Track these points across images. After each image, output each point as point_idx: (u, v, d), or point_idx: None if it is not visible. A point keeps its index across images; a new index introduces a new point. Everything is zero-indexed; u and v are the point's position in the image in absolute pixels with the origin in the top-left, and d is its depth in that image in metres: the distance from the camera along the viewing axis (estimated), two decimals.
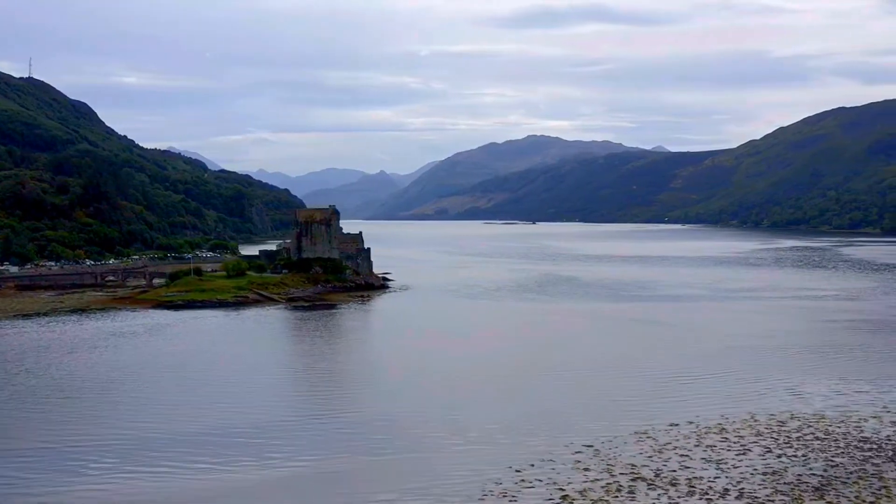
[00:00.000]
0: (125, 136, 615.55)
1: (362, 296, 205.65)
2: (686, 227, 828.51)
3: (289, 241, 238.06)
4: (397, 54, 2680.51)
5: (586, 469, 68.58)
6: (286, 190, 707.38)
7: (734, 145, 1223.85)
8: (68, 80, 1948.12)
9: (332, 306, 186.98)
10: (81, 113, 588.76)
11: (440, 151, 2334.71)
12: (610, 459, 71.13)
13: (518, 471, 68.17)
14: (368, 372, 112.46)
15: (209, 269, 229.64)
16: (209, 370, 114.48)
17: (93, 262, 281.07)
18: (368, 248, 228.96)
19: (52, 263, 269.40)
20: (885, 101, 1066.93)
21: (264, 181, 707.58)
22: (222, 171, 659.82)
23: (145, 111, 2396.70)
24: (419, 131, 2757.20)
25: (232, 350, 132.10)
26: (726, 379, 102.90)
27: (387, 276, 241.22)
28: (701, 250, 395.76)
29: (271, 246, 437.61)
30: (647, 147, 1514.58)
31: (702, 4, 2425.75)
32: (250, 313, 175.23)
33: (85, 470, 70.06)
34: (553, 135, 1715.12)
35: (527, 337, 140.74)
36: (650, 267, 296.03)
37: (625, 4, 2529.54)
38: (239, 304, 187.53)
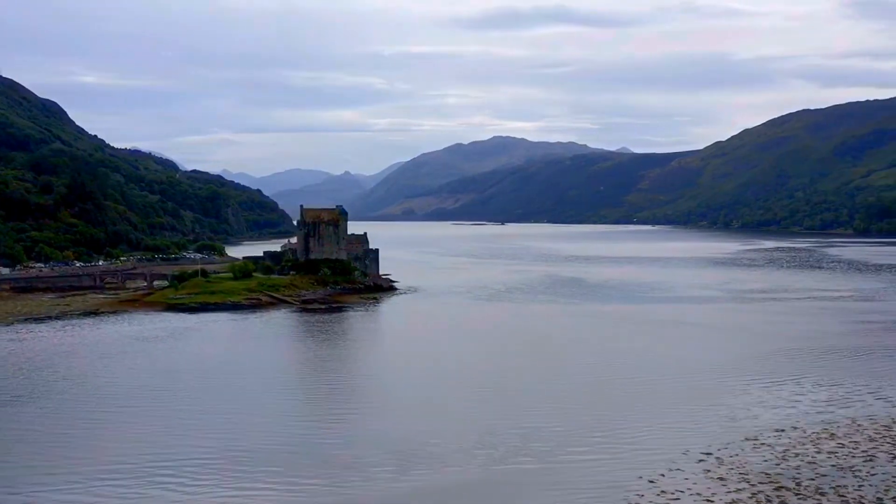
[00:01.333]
0: (95, 136, 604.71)
1: (374, 298, 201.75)
2: (656, 227, 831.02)
3: (293, 241, 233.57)
4: (361, 55, 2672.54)
5: (721, 478, 65.79)
6: (258, 190, 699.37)
7: (697, 147, 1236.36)
8: (30, 79, 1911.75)
9: (348, 309, 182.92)
10: (52, 112, 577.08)
11: (405, 152, 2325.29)
12: (738, 467, 68.42)
13: (652, 481, 65.28)
14: (432, 380, 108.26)
15: (211, 271, 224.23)
16: (257, 376, 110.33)
17: (82, 264, 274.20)
18: (376, 250, 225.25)
19: (42, 265, 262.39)
20: (849, 104, 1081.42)
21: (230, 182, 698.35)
22: (195, 171, 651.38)
23: (106, 111, 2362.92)
24: (383, 132, 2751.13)
25: (269, 355, 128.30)
26: (802, 383, 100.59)
27: (388, 277, 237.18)
28: (687, 251, 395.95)
29: (250, 247, 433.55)
30: (612, 148, 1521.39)
31: (664, 7, 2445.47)
32: (268, 316, 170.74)
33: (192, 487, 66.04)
34: (518, 136, 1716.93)
35: (573, 341, 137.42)
36: (647, 268, 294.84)
37: (588, 6, 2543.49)
38: (252, 306, 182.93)
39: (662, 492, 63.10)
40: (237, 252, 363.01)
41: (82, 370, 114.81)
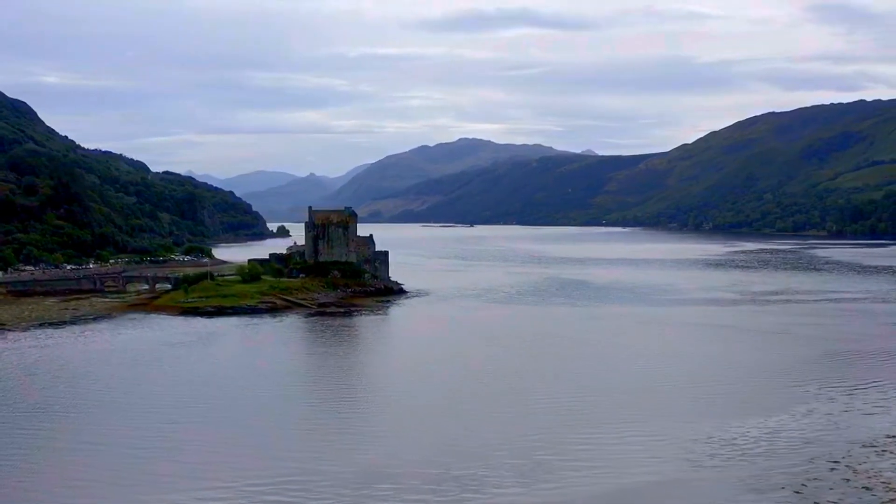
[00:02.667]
0: (66, 137, 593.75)
1: (387, 301, 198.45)
2: (627, 229, 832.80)
3: (298, 244, 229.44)
4: (325, 56, 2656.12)
5: (866, 488, 63.58)
6: (231, 192, 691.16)
7: (661, 150, 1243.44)
8: None
9: (366, 312, 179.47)
10: (21, 112, 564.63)
11: (370, 154, 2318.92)
12: (874, 476, 66.26)
13: (797, 492, 62.93)
14: (509, 389, 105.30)
15: (217, 274, 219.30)
16: (310, 386, 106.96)
17: (74, 267, 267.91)
18: (386, 252, 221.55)
19: (32, 268, 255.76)
20: (814, 107, 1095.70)
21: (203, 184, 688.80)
22: (166, 172, 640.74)
23: (69, 111, 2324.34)
24: (347, 133, 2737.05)
25: (311, 361, 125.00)
26: (884, 388, 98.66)
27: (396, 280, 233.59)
28: (674, 253, 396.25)
29: (229, 249, 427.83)
30: (576, 150, 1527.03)
31: (627, 10, 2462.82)
32: (289, 320, 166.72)
33: None
34: (482, 137, 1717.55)
35: (616, 345, 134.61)
36: (645, 270, 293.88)
37: (552, 9, 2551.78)
38: (268, 310, 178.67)
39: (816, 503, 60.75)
40: (223, 255, 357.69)
41: (122, 378, 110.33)
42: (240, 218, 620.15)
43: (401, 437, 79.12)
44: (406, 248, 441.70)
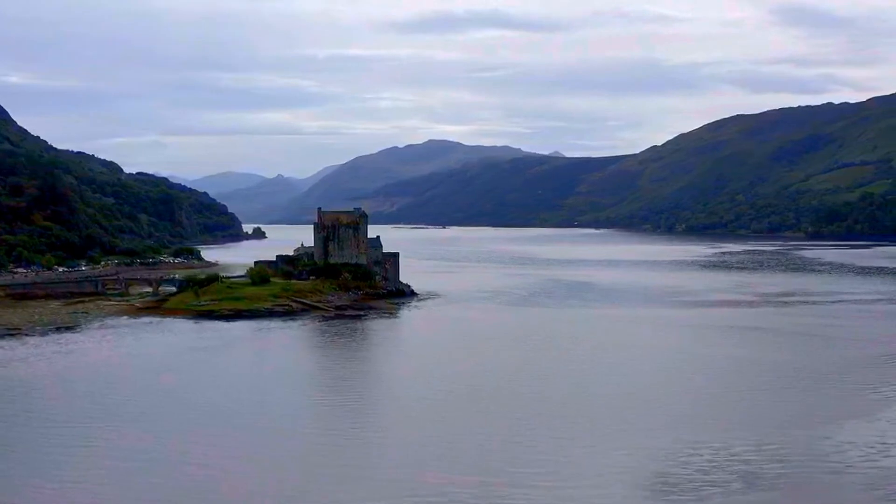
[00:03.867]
0: (38, 137, 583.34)
1: (402, 303, 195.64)
2: (601, 231, 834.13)
3: (306, 245, 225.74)
4: (294, 57, 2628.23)
5: None
6: (205, 193, 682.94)
7: (629, 152, 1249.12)
8: None
9: (385, 315, 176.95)
10: None
11: (339, 155, 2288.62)
12: None
13: None
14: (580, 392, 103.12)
15: (222, 276, 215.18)
16: (355, 391, 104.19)
17: (66, 269, 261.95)
18: (397, 254, 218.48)
19: (25, 270, 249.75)
20: (782, 109, 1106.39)
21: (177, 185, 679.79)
22: (140, 173, 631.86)
23: (32, 112, 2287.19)
24: (316, 135, 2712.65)
25: (347, 366, 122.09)
26: None
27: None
28: (662, 254, 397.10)
29: (209, 250, 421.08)
30: (545, 152, 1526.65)
31: (597, 13, 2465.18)
32: (311, 324, 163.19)
33: None
34: (451, 139, 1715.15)
35: (660, 349, 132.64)
36: (643, 271, 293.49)
37: (522, 11, 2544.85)
38: (286, 313, 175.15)
39: None
40: (208, 256, 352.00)
41: (164, 386, 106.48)
42: (215, 219, 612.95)
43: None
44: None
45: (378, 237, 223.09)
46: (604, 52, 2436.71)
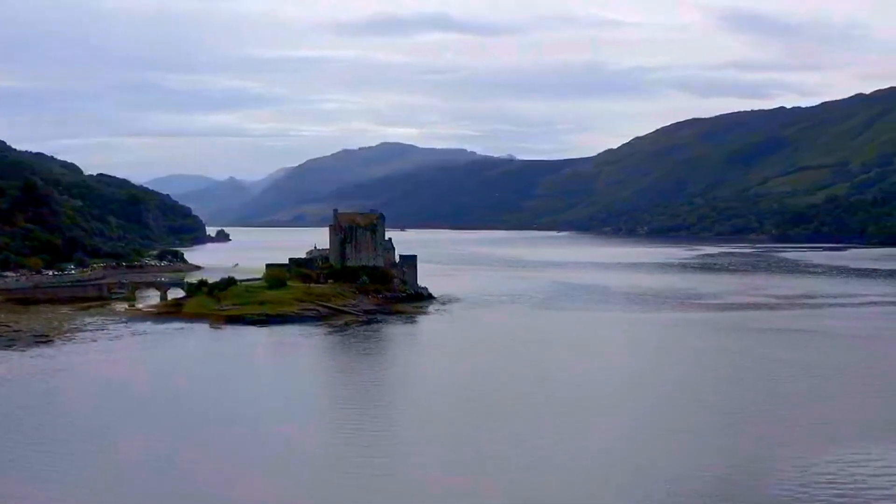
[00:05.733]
0: None
1: (425, 307, 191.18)
2: (563, 233, 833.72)
3: (319, 248, 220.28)
4: (240, 58, 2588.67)
5: None
6: (167, 195, 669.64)
7: (579, 155, 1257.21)
8: None
9: (414, 319, 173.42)
10: None
11: (290, 157, 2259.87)
12: None
13: None
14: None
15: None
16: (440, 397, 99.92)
17: (57, 272, 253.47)
18: (414, 256, 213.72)
19: (14, 274, 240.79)
20: (735, 113, 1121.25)
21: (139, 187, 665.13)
22: (101, 174, 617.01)
23: None
24: (263, 137, 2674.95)
25: (410, 372, 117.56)
26: None
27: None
28: (643, 255, 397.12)
29: (186, 252, 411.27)
30: (498, 155, 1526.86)
31: (543, 16, 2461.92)
32: (351, 330, 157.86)
33: None
34: (400, 141, 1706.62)
35: (728, 351, 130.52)
36: (643, 273, 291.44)
37: (469, 14, 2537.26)
38: (317, 318, 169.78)
39: None
40: (188, 259, 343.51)
41: (224, 403, 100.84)
42: (180, 221, 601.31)
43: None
44: None
45: (390, 239, 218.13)
46: (552, 55, 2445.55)
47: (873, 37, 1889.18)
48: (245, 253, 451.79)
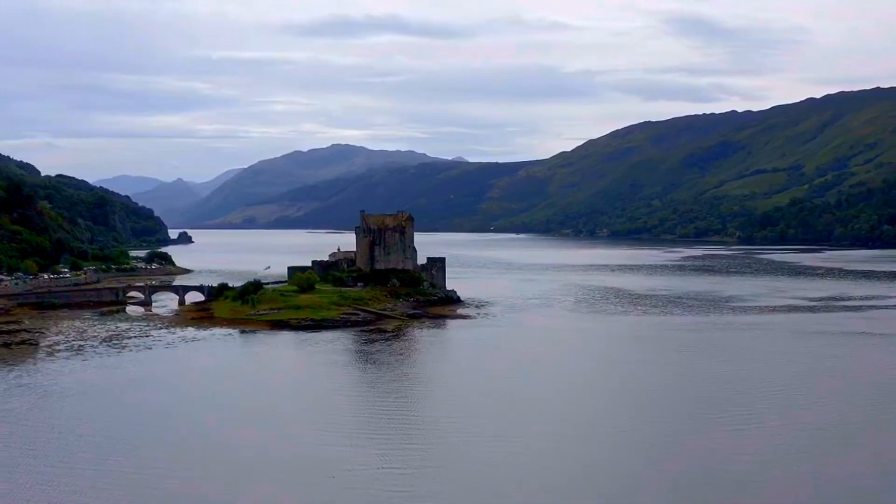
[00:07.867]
0: None
1: (458, 310, 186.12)
2: (522, 235, 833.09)
3: (343, 249, 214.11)
4: (188, 59, 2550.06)
5: None
6: (127, 196, 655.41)
7: (529, 157, 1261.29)
8: None
9: (458, 323, 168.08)
10: None
11: (239, 159, 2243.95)
12: None
13: None
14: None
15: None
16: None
17: (53, 275, 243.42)
18: (443, 258, 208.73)
19: (8, 277, 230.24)
20: (687, 117, 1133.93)
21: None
22: (60, 175, 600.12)
23: None
24: (211, 138, 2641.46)
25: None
26: None
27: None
28: (627, 258, 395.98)
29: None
30: (448, 157, 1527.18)
31: (493, 20, 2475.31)
32: (410, 334, 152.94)
33: None
34: (350, 143, 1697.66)
35: (819, 356, 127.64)
36: (648, 276, 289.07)
37: (420, 17, 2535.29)
38: (362, 322, 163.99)
39: None
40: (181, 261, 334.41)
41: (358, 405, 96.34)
42: (142, 223, 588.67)
43: None
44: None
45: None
46: (500, 59, 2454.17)
47: (816, 42, 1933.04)
48: (211, 254, 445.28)
